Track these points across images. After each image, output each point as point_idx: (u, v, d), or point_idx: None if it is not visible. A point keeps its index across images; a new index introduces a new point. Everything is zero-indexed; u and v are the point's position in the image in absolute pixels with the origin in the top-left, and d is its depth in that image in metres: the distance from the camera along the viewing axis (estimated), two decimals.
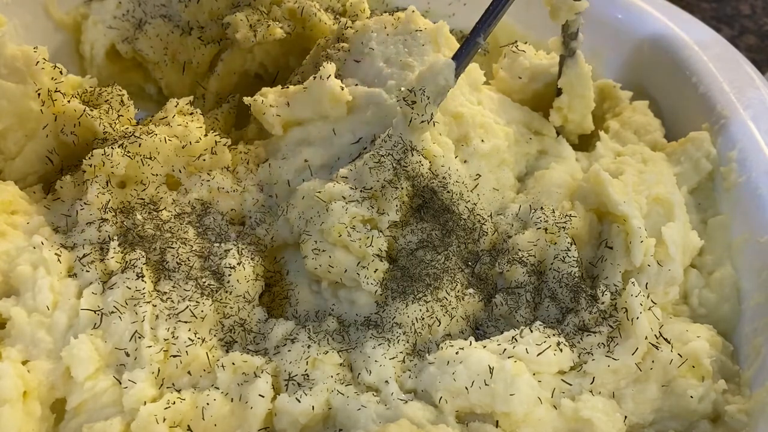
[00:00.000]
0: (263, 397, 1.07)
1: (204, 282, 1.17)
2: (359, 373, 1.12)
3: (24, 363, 1.07)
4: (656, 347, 1.12)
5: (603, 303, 1.16)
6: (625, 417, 1.09)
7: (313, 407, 1.07)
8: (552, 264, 1.21)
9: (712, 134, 1.38)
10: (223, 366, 1.10)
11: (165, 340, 1.10)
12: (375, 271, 1.18)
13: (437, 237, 1.23)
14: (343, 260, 1.18)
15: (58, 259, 1.14)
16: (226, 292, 1.17)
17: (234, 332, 1.17)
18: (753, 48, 2.21)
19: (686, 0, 2.26)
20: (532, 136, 1.47)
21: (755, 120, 1.35)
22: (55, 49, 1.59)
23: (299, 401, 1.07)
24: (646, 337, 1.12)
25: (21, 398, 1.02)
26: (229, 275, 1.18)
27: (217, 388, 1.09)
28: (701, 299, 1.29)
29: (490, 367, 1.06)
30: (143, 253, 1.17)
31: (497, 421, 1.06)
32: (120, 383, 1.07)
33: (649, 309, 1.15)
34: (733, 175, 1.32)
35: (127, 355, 1.09)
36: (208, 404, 1.07)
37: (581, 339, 1.14)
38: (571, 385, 1.10)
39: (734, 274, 1.28)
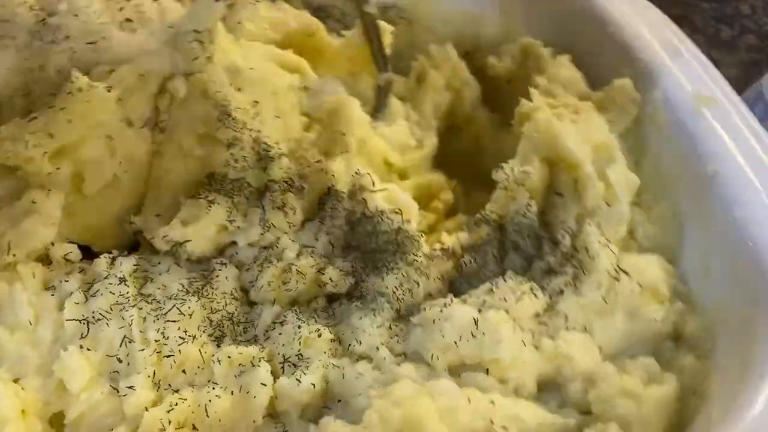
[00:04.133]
0: (265, 385, 1.08)
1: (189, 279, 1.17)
2: (350, 345, 1.15)
3: (15, 381, 1.04)
4: (617, 280, 1.21)
5: (564, 246, 1.24)
6: (600, 348, 1.17)
7: (313, 385, 1.09)
8: (513, 219, 1.27)
9: (636, 79, 1.47)
10: (218, 360, 1.11)
11: (156, 341, 1.09)
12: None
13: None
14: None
15: (33, 275, 1.10)
16: (212, 288, 1.18)
17: (223, 326, 1.17)
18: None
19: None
20: None
21: (673, 60, 1.44)
22: None
23: (299, 381, 1.09)
24: (607, 272, 1.20)
25: (20, 417, 1.01)
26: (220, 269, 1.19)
27: (216, 383, 1.10)
28: (645, 233, 1.38)
29: (474, 320, 1.12)
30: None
31: (487, 369, 1.12)
32: (117, 391, 1.06)
33: (606, 246, 1.24)
34: (660, 114, 1.41)
35: (120, 361, 1.08)
36: (210, 401, 1.07)
37: (549, 282, 1.22)
38: (547, 325, 1.18)
39: (672, 206, 1.37)
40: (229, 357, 1.11)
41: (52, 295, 1.12)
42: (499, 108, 1.78)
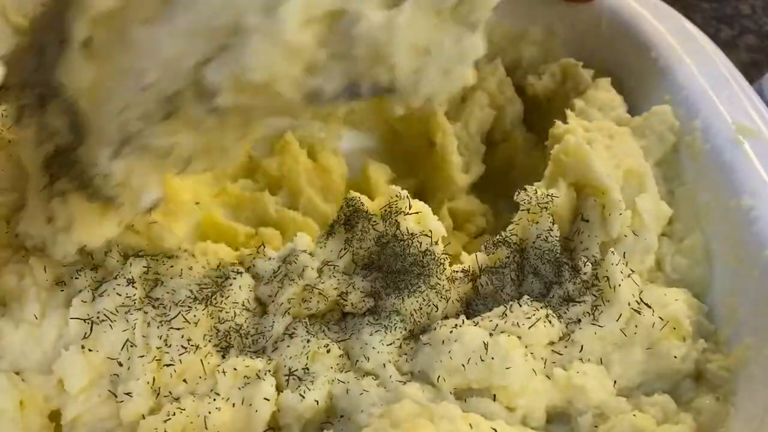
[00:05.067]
0: (268, 399, 1.07)
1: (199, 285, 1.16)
2: (357, 360, 1.14)
3: (16, 374, 1.05)
4: (638, 312, 1.16)
5: (585, 274, 1.20)
6: (615, 381, 1.13)
7: (317, 401, 1.08)
8: (534, 243, 1.24)
9: (674, 105, 1.43)
10: (224, 372, 1.09)
11: (157, 348, 1.09)
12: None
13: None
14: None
15: (44, 269, 1.12)
16: (223, 296, 1.17)
17: (230, 337, 1.15)
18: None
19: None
20: None
21: (715, 90, 1.40)
22: None
23: (303, 397, 1.08)
24: (628, 303, 1.16)
25: (18, 408, 1.01)
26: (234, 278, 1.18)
27: (218, 394, 1.08)
28: (674, 265, 1.33)
29: (484, 343, 1.09)
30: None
31: (495, 395, 1.09)
32: (115, 396, 1.05)
33: (629, 276, 1.20)
34: (698, 143, 1.37)
35: (120, 365, 1.08)
36: (210, 413, 1.06)
37: (567, 310, 1.18)
38: (561, 354, 1.14)
39: (704, 239, 1.32)
40: (235, 369, 1.09)
41: (62, 290, 1.12)
42: (536, 128, 1.75)
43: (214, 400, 1.07)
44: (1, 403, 1.00)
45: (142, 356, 1.07)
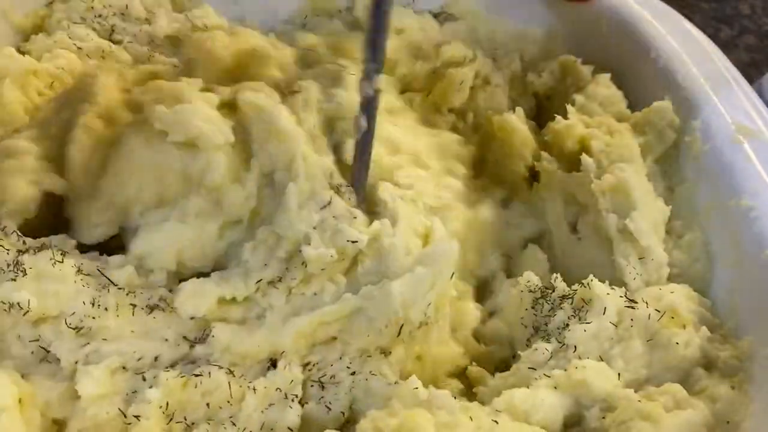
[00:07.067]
0: (292, 430, 1.05)
1: None
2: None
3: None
4: (631, 307, 1.18)
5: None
6: (618, 374, 1.13)
7: (343, 413, 1.09)
8: None
9: (674, 105, 1.44)
10: (254, 389, 1.07)
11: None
12: None
13: None
14: None
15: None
16: None
17: None
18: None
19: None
20: None
21: (715, 90, 1.42)
22: None
23: (329, 408, 1.08)
24: (607, 294, 1.19)
25: (17, 405, 0.98)
26: None
27: (234, 424, 1.04)
28: (673, 260, 1.34)
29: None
30: None
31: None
32: (125, 416, 1.01)
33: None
34: (698, 144, 1.39)
35: (144, 380, 1.05)
36: None
37: (552, 319, 1.21)
38: (560, 360, 1.15)
39: (703, 236, 1.34)
40: (265, 387, 1.07)
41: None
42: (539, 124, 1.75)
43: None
44: (2, 399, 0.97)
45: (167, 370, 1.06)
